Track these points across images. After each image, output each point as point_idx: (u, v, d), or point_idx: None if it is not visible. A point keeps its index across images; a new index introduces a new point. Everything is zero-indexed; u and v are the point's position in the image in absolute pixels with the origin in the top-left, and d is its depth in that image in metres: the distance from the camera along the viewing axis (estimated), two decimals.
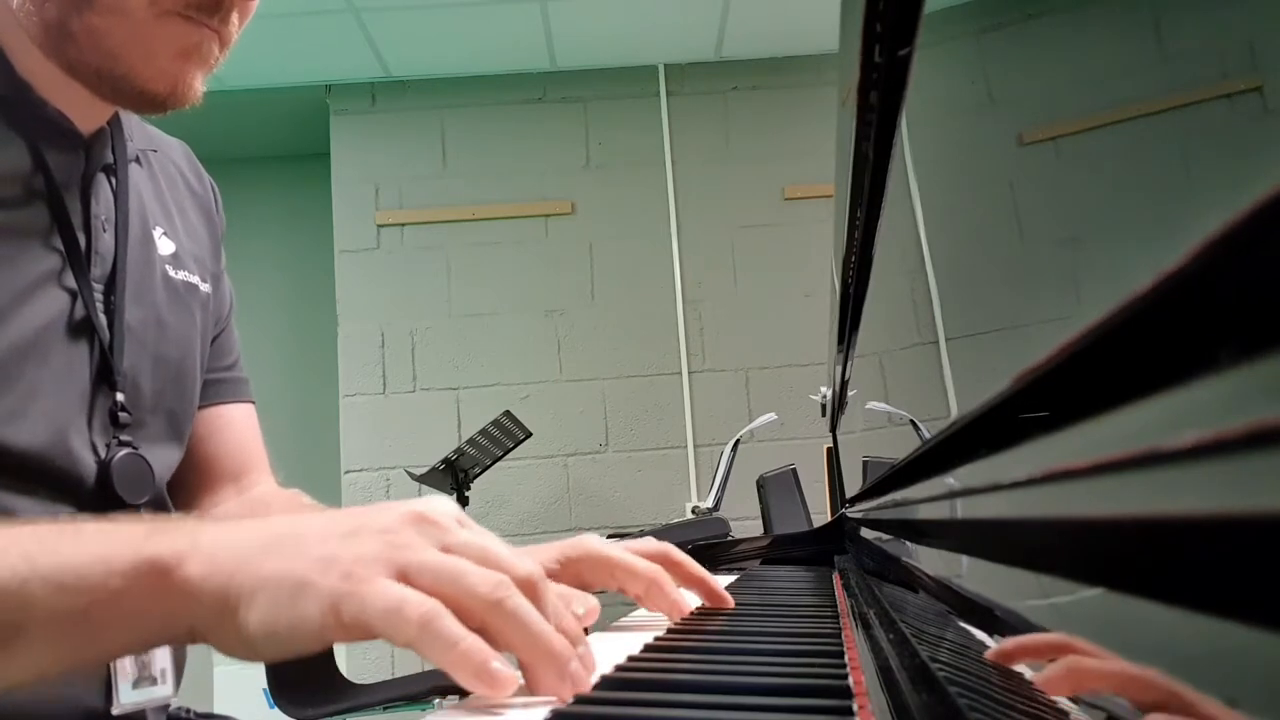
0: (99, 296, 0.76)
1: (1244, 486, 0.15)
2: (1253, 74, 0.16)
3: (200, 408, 0.90)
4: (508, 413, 3.00)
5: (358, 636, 0.43)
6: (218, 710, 0.97)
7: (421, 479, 2.99)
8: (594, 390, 3.62)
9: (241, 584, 0.45)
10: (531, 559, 0.75)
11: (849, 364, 1.25)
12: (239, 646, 0.45)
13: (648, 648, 0.59)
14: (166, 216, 0.87)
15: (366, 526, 0.47)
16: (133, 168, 0.83)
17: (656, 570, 0.73)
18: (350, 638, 0.43)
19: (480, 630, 0.43)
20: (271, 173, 4.14)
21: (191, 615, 0.46)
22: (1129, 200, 0.23)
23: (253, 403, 1.00)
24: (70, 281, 0.73)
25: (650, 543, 0.79)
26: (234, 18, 0.71)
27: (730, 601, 0.78)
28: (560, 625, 0.46)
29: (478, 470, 3.03)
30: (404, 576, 0.44)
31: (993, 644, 0.33)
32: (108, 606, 0.46)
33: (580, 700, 0.43)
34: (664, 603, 0.72)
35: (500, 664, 0.42)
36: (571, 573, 0.74)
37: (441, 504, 0.50)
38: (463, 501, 2.98)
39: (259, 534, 0.48)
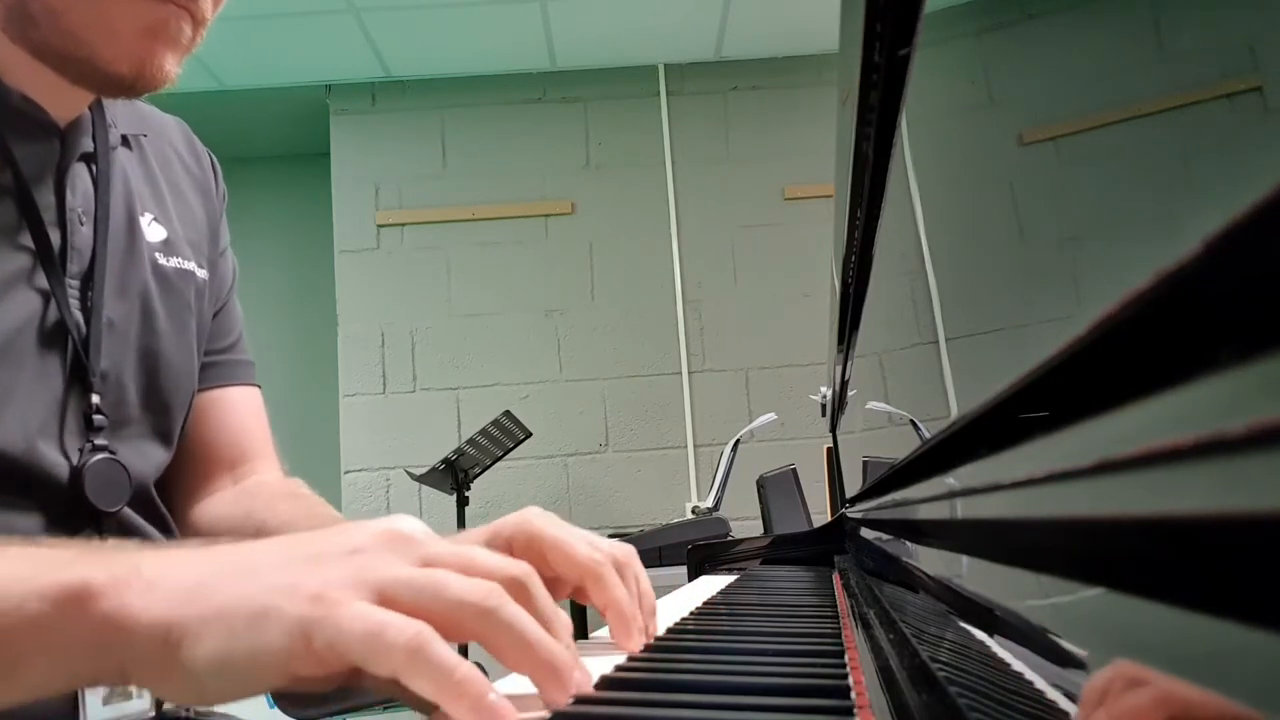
0: (74, 294, 0.72)
1: (1244, 486, 0.15)
2: (1253, 74, 0.16)
3: (198, 391, 0.86)
4: (508, 413, 3.00)
5: (329, 667, 0.39)
6: (216, 709, 0.92)
7: (421, 479, 2.99)
8: (594, 390, 3.62)
9: (188, 615, 0.39)
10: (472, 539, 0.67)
11: (849, 364, 1.25)
12: (181, 687, 0.40)
13: (648, 648, 0.59)
14: (158, 201, 0.83)
15: (331, 550, 0.43)
16: (121, 152, 0.79)
17: (597, 562, 0.60)
18: (320, 669, 0.39)
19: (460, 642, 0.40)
20: (271, 173, 4.14)
21: (123, 651, 0.40)
22: (1129, 200, 0.23)
23: (257, 386, 0.94)
24: (42, 281, 0.70)
25: (617, 545, 0.65)
26: None
27: (632, 647, 0.59)
28: (553, 629, 0.43)
29: (478, 470, 3.04)
30: (381, 597, 0.40)
31: (993, 644, 0.33)
32: (24, 633, 0.40)
33: (580, 700, 0.42)
34: (600, 597, 0.60)
35: (497, 696, 0.38)
36: (501, 550, 0.60)
37: (411, 520, 0.46)
38: (463, 501, 2.98)
39: (209, 562, 0.43)
